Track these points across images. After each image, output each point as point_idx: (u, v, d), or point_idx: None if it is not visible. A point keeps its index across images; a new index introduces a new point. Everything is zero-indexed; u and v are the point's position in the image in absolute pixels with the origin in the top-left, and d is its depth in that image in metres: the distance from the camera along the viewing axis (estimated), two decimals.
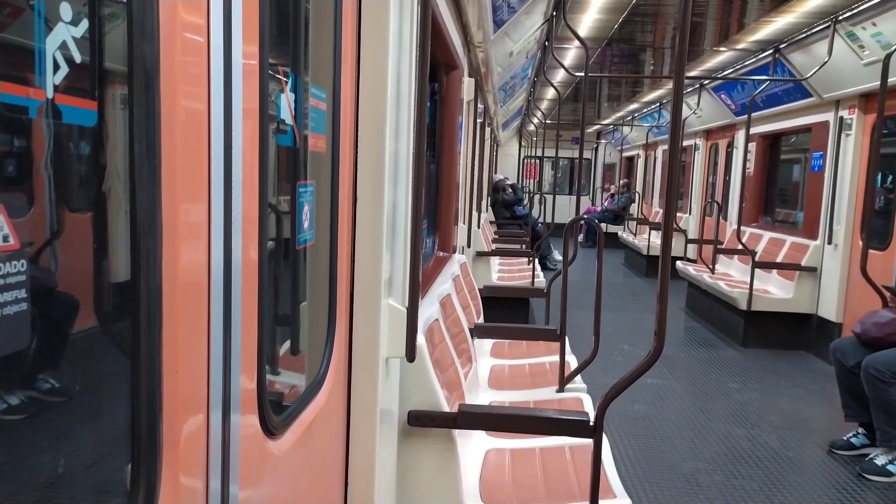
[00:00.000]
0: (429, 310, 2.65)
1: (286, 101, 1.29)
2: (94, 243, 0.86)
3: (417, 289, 1.78)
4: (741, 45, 7.10)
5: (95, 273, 0.86)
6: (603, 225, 11.48)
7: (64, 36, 0.71)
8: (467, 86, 4.37)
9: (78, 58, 0.73)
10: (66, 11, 0.72)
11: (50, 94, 0.70)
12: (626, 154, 16.67)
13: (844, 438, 4.09)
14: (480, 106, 5.99)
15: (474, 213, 6.53)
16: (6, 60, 0.68)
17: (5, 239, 0.66)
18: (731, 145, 9.22)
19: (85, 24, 0.75)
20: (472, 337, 3.40)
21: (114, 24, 0.81)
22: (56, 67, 0.70)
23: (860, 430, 4.07)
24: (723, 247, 7.69)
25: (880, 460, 3.78)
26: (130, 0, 0.78)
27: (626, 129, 14.75)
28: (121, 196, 0.81)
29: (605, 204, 15.93)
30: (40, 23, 0.69)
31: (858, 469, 3.81)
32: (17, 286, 0.67)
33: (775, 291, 6.71)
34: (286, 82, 1.31)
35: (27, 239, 0.69)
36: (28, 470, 0.79)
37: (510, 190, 11.63)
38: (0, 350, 0.67)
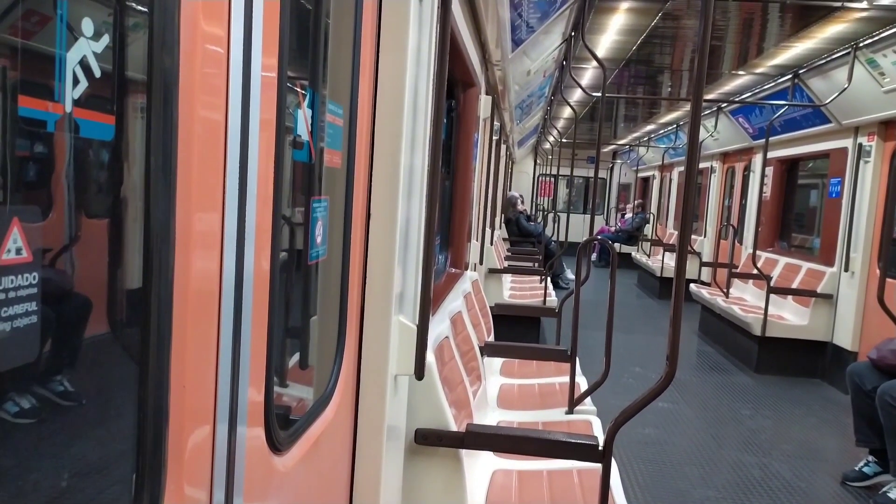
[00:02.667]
0: (439, 327, 2.64)
1: (303, 116, 1.30)
2: (109, 252, 0.86)
3: (428, 306, 1.77)
4: (760, 70, 7.09)
5: (109, 281, 0.86)
6: (616, 245, 11.43)
7: (85, 51, 0.71)
8: (484, 103, 4.38)
9: (98, 72, 0.74)
10: (87, 26, 0.72)
11: (69, 108, 0.70)
12: (641, 175, 16.64)
13: (857, 469, 4.02)
14: (496, 123, 6.00)
15: (487, 230, 6.52)
16: (26, 74, 0.69)
17: (18, 252, 0.66)
18: (747, 169, 9.18)
19: (106, 38, 0.75)
20: (481, 355, 3.38)
21: (134, 37, 0.82)
22: (76, 82, 0.71)
23: (871, 458, 4.00)
24: (737, 271, 7.63)
25: (894, 493, 3.70)
26: (152, 13, 0.79)
27: (642, 150, 14.72)
28: (136, 205, 0.82)
29: (619, 224, 15.88)
30: (62, 38, 0.69)
31: (872, 503, 3.74)
32: (28, 299, 0.67)
33: (790, 318, 6.63)
34: (304, 97, 1.32)
35: (40, 247, 0.70)
36: (33, 476, 0.79)
37: (521, 206, 11.55)
38: (9, 362, 0.67)
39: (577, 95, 9.58)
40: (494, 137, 6.15)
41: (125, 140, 0.83)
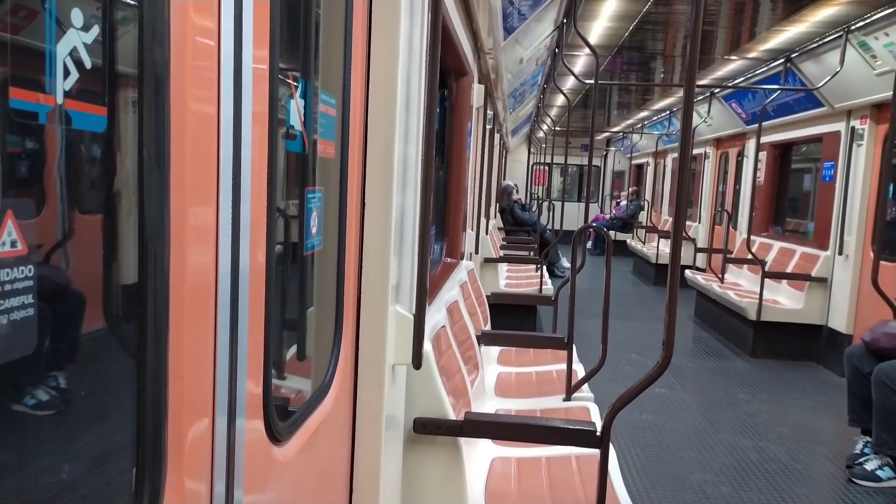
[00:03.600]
0: (436, 316, 2.65)
1: (296, 106, 1.30)
2: (103, 246, 0.86)
3: (425, 295, 1.77)
4: (752, 54, 7.08)
5: (104, 276, 0.86)
6: (611, 233, 11.44)
7: (75, 42, 0.71)
8: (477, 92, 4.37)
9: (88, 63, 0.73)
10: (77, 17, 0.72)
11: (60, 99, 0.70)
12: (635, 162, 16.64)
13: (861, 464, 3.99)
14: (490, 112, 5.99)
15: (482, 220, 6.52)
16: (16, 66, 0.69)
17: (13, 244, 0.66)
18: (741, 154, 9.19)
19: (96, 29, 0.75)
20: (478, 344, 3.39)
21: (125, 30, 0.81)
22: (66, 73, 0.70)
23: (866, 437, 4.03)
24: (732, 256, 7.65)
25: (871, 465, 3.82)
26: (142, 5, 0.78)
27: (635, 137, 14.72)
28: (130, 199, 0.81)
29: (614, 212, 15.89)
30: (51, 28, 0.69)
31: (848, 474, 3.83)
32: (24, 291, 0.67)
33: (785, 302, 6.66)
34: (296, 88, 1.32)
35: (35, 242, 0.70)
36: (33, 471, 0.79)
37: (516, 195, 11.55)
38: (6, 355, 0.67)
39: (569, 83, 9.56)
40: (488, 126, 6.14)
41: (118, 132, 0.83)
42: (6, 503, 0.73)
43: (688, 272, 8.22)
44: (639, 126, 14.13)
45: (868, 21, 5.00)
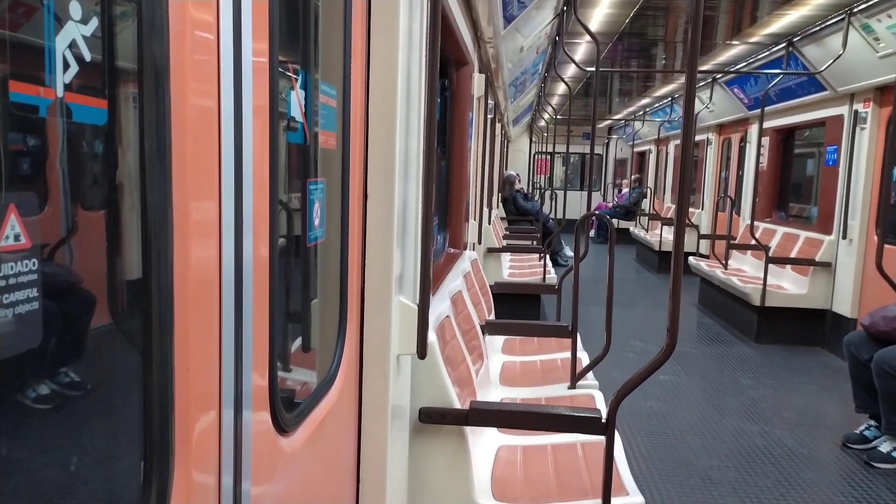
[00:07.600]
0: (440, 307, 2.65)
1: (296, 98, 1.29)
2: (107, 241, 0.86)
3: (428, 286, 1.78)
4: (754, 39, 7.03)
5: (108, 271, 0.87)
6: (614, 221, 11.42)
7: (74, 35, 0.71)
8: (477, 82, 4.35)
9: (88, 56, 0.73)
10: (75, 10, 0.72)
11: (60, 92, 0.70)
12: (637, 149, 16.59)
13: (857, 432, 4.09)
14: (491, 102, 5.97)
15: (485, 210, 6.52)
16: (16, 59, 0.68)
17: (17, 238, 0.66)
18: (744, 140, 9.15)
19: (95, 22, 0.75)
20: (483, 334, 3.40)
21: (124, 23, 0.81)
22: (66, 66, 0.70)
23: (872, 422, 4.07)
24: (736, 242, 7.64)
25: (885, 447, 3.85)
26: None
27: (637, 125, 14.67)
28: (132, 194, 0.82)
29: (617, 199, 15.85)
30: (50, 22, 0.69)
31: (865, 457, 3.86)
32: (29, 285, 0.67)
33: (789, 287, 6.65)
34: (296, 79, 1.31)
35: (39, 238, 0.70)
36: (42, 466, 0.80)
37: (518, 185, 11.53)
38: (13, 349, 0.68)
39: (570, 71, 9.52)
40: (489, 116, 6.12)
41: (118, 126, 0.83)
42: (14, 497, 0.74)
43: (691, 259, 8.22)
44: (640, 113, 14.07)
45: (871, 3, 4.97)
